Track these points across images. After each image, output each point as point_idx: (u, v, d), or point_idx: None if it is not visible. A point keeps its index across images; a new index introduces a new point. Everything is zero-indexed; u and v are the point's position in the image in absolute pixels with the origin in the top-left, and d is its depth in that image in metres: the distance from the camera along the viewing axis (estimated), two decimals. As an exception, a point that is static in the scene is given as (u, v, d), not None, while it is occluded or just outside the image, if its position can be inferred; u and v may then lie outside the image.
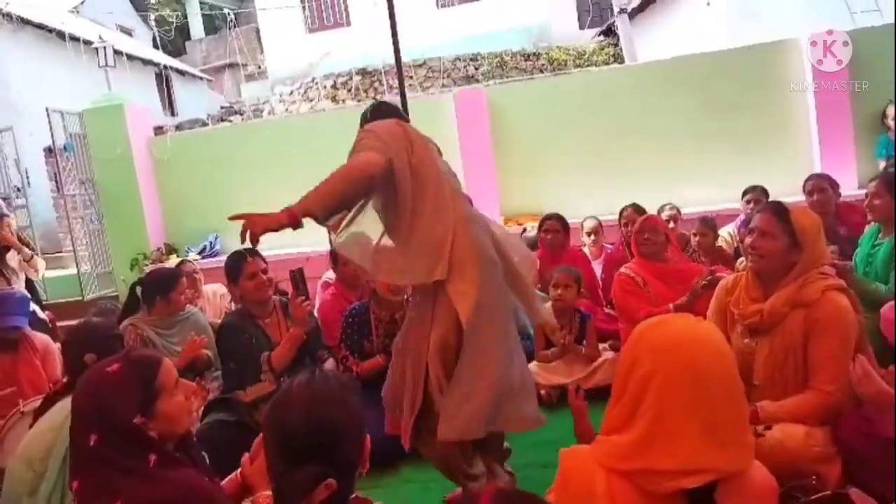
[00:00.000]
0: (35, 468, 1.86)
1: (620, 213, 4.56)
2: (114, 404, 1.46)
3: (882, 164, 5.29)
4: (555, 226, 4.43)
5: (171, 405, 1.55)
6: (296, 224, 2.03)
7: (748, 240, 2.30)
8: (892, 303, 2.90)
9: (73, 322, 2.89)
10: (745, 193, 4.77)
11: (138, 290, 3.59)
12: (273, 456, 1.28)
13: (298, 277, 2.87)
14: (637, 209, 4.42)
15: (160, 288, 3.50)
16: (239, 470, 1.78)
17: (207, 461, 1.77)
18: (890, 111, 5.66)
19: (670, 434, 1.20)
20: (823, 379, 2.08)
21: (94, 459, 1.43)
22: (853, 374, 1.63)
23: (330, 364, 3.22)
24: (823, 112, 5.94)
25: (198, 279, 4.48)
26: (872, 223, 3.41)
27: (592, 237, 5.01)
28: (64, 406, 1.96)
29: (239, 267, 3.03)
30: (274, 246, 6.23)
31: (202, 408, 2.95)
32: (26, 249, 4.79)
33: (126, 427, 1.45)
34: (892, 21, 5.85)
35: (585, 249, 5.00)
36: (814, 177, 4.24)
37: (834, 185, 4.18)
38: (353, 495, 1.30)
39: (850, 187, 5.37)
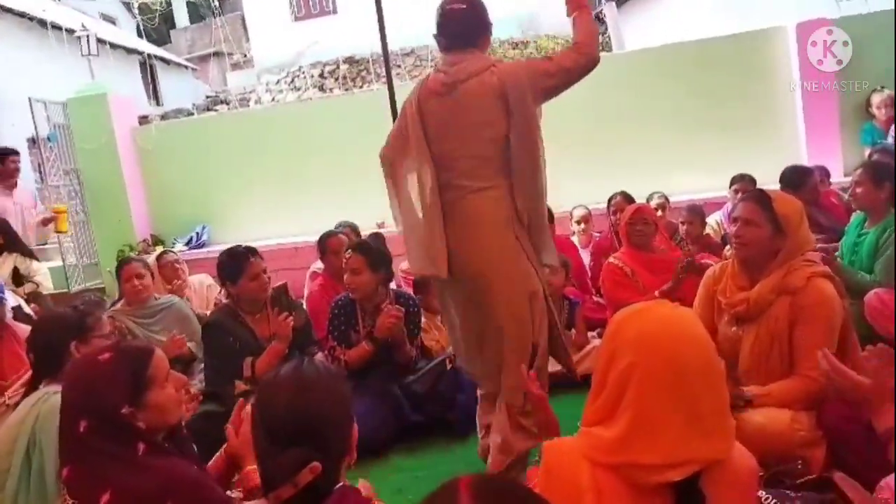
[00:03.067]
0: (0, 465, 1.87)
1: (609, 201, 4.57)
2: (103, 393, 1.46)
3: (867, 152, 5.33)
4: None
5: (161, 396, 1.54)
6: None
7: (732, 228, 2.32)
8: (877, 290, 2.94)
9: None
10: (732, 182, 4.79)
11: None
12: (260, 439, 1.29)
13: (283, 294, 2.91)
14: (626, 197, 4.43)
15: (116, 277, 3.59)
16: (223, 448, 1.79)
17: (196, 452, 1.77)
18: (874, 99, 5.69)
19: (653, 427, 1.20)
20: (809, 365, 2.09)
21: (83, 447, 1.44)
22: (821, 367, 1.65)
23: (319, 358, 3.22)
24: (810, 100, 5.97)
25: (179, 269, 4.44)
26: (858, 212, 3.45)
27: (582, 225, 5.02)
28: (27, 402, 1.97)
29: (241, 267, 2.99)
30: (262, 237, 6.22)
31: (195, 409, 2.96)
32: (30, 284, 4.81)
33: (114, 417, 1.45)
34: (878, 9, 5.89)
35: (575, 238, 5.01)
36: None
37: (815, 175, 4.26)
38: (341, 483, 1.30)
39: (836, 174, 5.41)
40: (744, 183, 4.67)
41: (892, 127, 5.54)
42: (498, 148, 2.20)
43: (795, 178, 4.06)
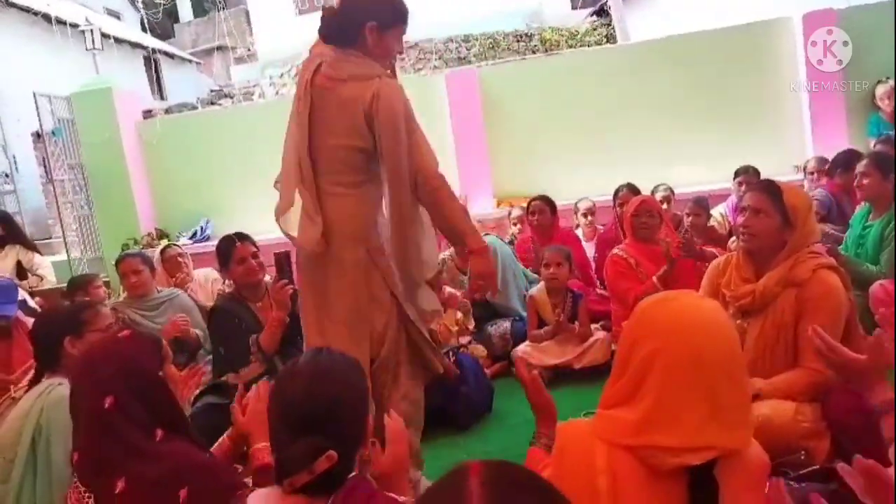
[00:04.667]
0: (6, 456, 1.90)
1: (615, 194, 4.56)
2: (139, 360, 1.57)
3: (872, 143, 5.30)
4: (540, 206, 4.43)
5: (172, 372, 1.70)
6: None
7: (740, 218, 2.30)
8: (882, 281, 2.93)
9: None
10: (736, 174, 4.78)
11: None
12: (276, 427, 1.30)
13: (284, 261, 2.86)
14: (632, 190, 4.42)
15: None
16: (228, 431, 1.81)
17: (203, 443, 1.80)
18: (878, 90, 5.65)
19: (674, 413, 1.20)
20: (813, 357, 2.08)
21: (104, 425, 1.47)
22: (816, 344, 1.65)
23: None
24: (815, 91, 5.93)
25: (182, 262, 4.45)
26: (863, 204, 3.43)
27: (589, 218, 5.02)
28: (31, 393, 2.00)
29: (228, 252, 3.03)
30: (266, 231, 6.22)
31: (196, 392, 2.96)
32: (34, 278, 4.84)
33: (151, 382, 1.55)
34: (884, 0, 5.84)
35: (580, 230, 5.01)
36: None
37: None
38: (354, 473, 1.30)
39: (842, 166, 5.38)
40: (748, 175, 4.66)
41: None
42: (363, 160, 2.18)
43: (847, 160, 4.09)
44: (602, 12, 12.60)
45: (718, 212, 4.84)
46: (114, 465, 1.44)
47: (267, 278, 3.16)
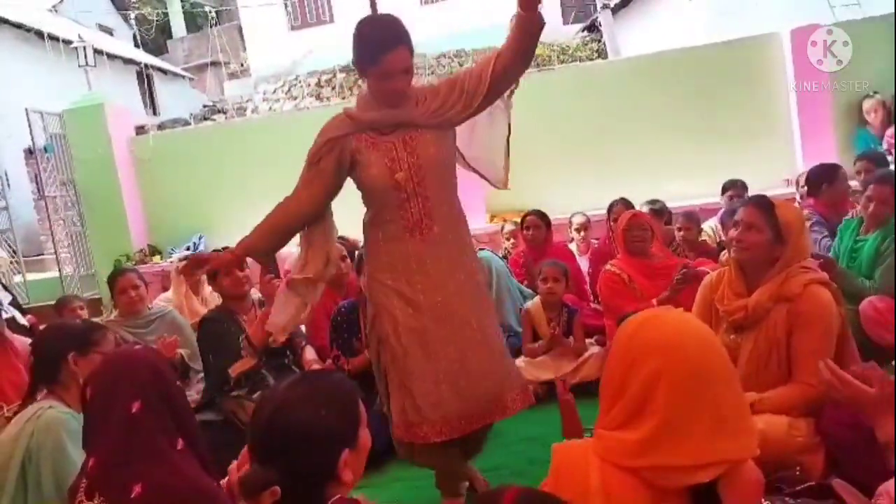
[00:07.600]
0: None
1: (610, 208, 4.57)
2: (166, 369, 1.65)
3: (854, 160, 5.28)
4: (535, 221, 4.45)
5: None
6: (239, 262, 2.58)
7: (732, 232, 2.31)
8: (871, 299, 2.94)
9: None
10: (725, 188, 4.80)
11: None
12: (249, 450, 1.31)
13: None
14: (627, 204, 4.43)
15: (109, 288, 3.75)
16: (227, 478, 1.80)
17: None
18: (865, 104, 5.71)
19: (681, 431, 1.19)
20: (807, 372, 2.09)
21: (133, 428, 1.48)
22: (824, 377, 1.65)
23: (309, 352, 3.27)
24: (804, 106, 5.99)
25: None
26: (851, 216, 3.44)
27: (582, 233, 5.03)
28: (21, 416, 1.97)
29: None
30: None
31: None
32: None
33: (173, 390, 1.60)
34: (872, 14, 5.93)
35: (573, 245, 5.02)
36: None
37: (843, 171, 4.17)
38: (338, 496, 1.28)
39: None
40: (736, 188, 4.68)
41: (888, 131, 5.54)
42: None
43: (824, 175, 3.97)
44: (593, 28, 12.75)
45: (709, 226, 4.86)
46: (134, 469, 1.45)
47: (256, 295, 3.18)
